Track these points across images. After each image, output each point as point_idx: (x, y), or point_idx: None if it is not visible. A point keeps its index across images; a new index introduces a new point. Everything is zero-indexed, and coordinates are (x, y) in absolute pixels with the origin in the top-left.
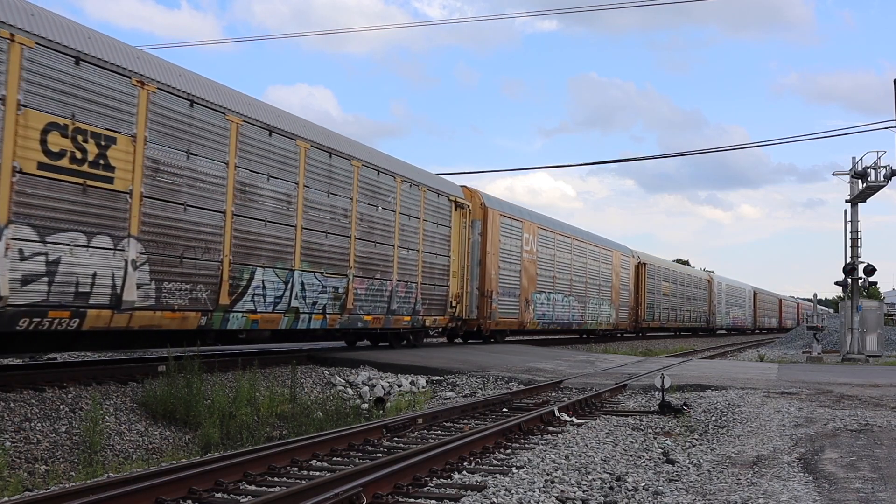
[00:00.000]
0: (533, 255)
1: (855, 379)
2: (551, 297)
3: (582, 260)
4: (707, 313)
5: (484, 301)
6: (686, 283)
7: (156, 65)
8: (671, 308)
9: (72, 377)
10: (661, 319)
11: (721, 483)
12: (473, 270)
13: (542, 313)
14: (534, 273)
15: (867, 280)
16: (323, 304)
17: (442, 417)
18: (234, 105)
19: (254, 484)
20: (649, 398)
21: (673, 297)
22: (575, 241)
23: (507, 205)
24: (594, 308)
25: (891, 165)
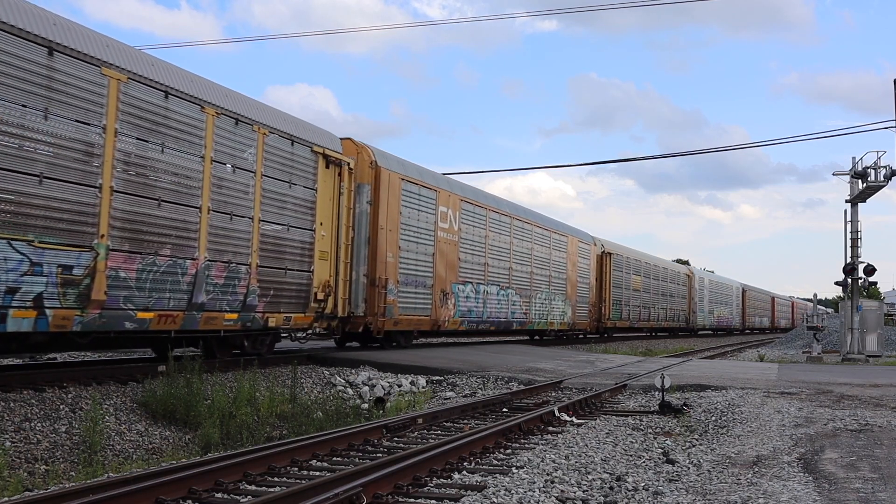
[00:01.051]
0: (454, 236)
1: (855, 379)
2: (482, 289)
3: (525, 245)
4: (686, 312)
5: (375, 293)
6: (661, 276)
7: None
8: (643, 305)
9: (72, 377)
10: (631, 318)
11: (721, 483)
12: (359, 251)
13: (468, 309)
14: (455, 258)
15: (867, 280)
16: (35, 292)
17: (442, 417)
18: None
19: (254, 484)
20: (649, 398)
21: (645, 292)
22: (516, 222)
23: (415, 168)
24: (543, 304)
25: (891, 165)
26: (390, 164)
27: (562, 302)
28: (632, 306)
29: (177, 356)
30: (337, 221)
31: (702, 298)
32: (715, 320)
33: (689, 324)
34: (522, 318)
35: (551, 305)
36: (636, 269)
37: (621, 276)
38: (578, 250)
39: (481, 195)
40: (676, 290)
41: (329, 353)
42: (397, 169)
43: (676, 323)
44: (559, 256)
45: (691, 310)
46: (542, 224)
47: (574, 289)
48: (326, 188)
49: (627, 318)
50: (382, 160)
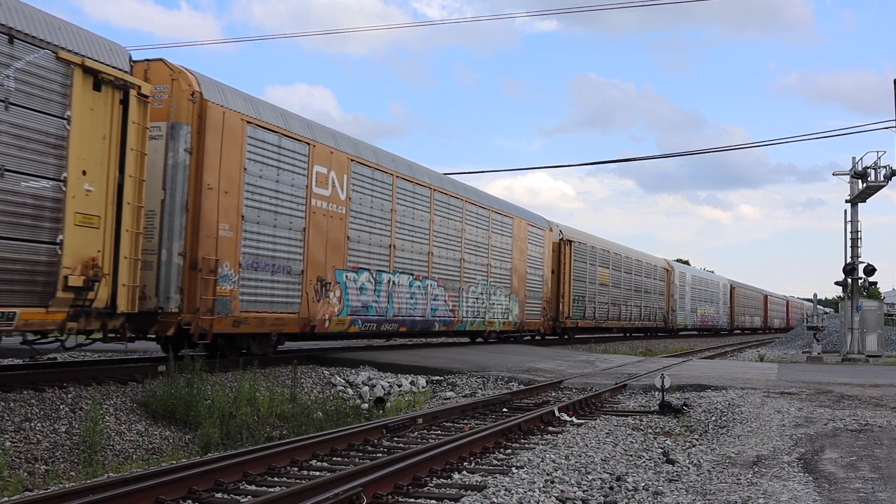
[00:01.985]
0: (340, 207)
1: (855, 379)
2: (385, 279)
3: (453, 225)
4: (664, 310)
5: (198, 279)
6: (635, 270)
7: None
8: (612, 302)
9: (72, 377)
10: (598, 317)
11: (721, 483)
12: (171, 220)
13: (364, 305)
14: (341, 237)
15: (867, 280)
16: None
17: (442, 417)
18: None
19: (254, 484)
20: (649, 398)
21: (615, 287)
22: (440, 195)
23: (276, 111)
24: (478, 299)
25: (891, 165)
26: (228, 99)
27: (505, 297)
28: (598, 303)
29: (178, 356)
30: (118, 172)
31: (683, 295)
32: (698, 320)
33: (667, 323)
34: (448, 317)
35: (490, 301)
36: (604, 261)
37: (584, 267)
38: (529, 235)
39: (386, 157)
40: (653, 285)
41: (329, 353)
42: (240, 107)
43: (653, 322)
44: (502, 242)
45: (670, 308)
46: (477, 201)
47: (522, 281)
48: (96, 121)
49: (593, 317)
50: (213, 93)
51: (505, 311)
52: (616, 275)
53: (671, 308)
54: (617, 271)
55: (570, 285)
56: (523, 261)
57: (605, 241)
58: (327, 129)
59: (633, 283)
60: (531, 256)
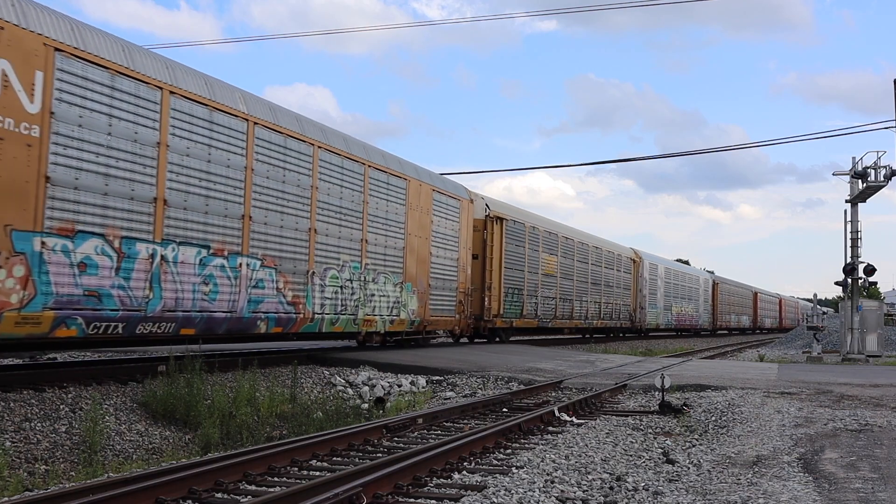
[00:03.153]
0: (28, 126)
1: (855, 379)
2: (143, 251)
3: (297, 179)
4: (631, 307)
5: None
6: (593, 259)
7: None
8: (562, 297)
9: (72, 377)
10: (541, 315)
11: (721, 483)
12: None
13: (90, 293)
14: (29, 177)
15: (867, 280)
16: None
17: (442, 417)
18: None
19: (254, 484)
20: (649, 398)
21: (566, 279)
22: (266, 133)
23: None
24: (345, 289)
25: (891, 165)
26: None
27: (394, 287)
28: (542, 298)
29: (177, 356)
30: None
31: (654, 291)
32: (674, 318)
33: (634, 322)
34: (284, 313)
35: (367, 292)
36: (549, 246)
37: (522, 253)
38: (436, 206)
39: (144, 58)
40: (616, 277)
41: (329, 353)
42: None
43: (616, 321)
44: (388, 210)
45: (638, 305)
46: (343, 149)
47: (424, 266)
48: None
49: (533, 315)
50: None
51: (393, 306)
52: (567, 264)
53: (639, 305)
54: (568, 259)
55: (501, 274)
56: (426, 239)
57: (553, 222)
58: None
59: (589, 274)
60: (439, 234)
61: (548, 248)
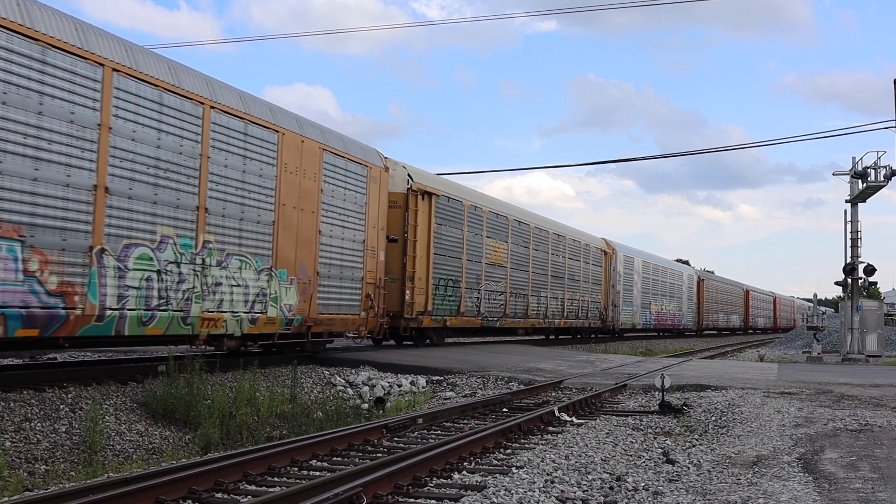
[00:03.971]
0: None
1: (855, 379)
2: None
3: (83, 116)
4: (602, 305)
5: None
6: (553, 248)
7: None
8: (514, 292)
9: (72, 377)
10: (486, 312)
11: (721, 483)
12: None
13: None
14: None
15: (867, 280)
16: None
17: (442, 417)
18: None
19: (254, 484)
20: (649, 398)
21: (518, 270)
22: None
23: None
24: (167, 275)
25: (891, 165)
26: None
27: (258, 275)
28: (487, 293)
29: (177, 356)
30: None
31: (629, 287)
32: (653, 317)
33: (606, 321)
34: (42, 307)
35: (209, 279)
36: (496, 230)
37: (460, 237)
38: (328, 172)
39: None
40: (584, 271)
41: (329, 353)
42: None
43: (584, 320)
44: (249, 172)
45: (610, 302)
46: (159, 79)
47: (309, 249)
48: None
49: (475, 312)
50: None
51: (256, 300)
52: (520, 253)
53: (611, 302)
54: (522, 247)
55: (430, 263)
56: (312, 213)
57: (501, 202)
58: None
59: (549, 265)
60: (335, 208)
61: (495, 232)
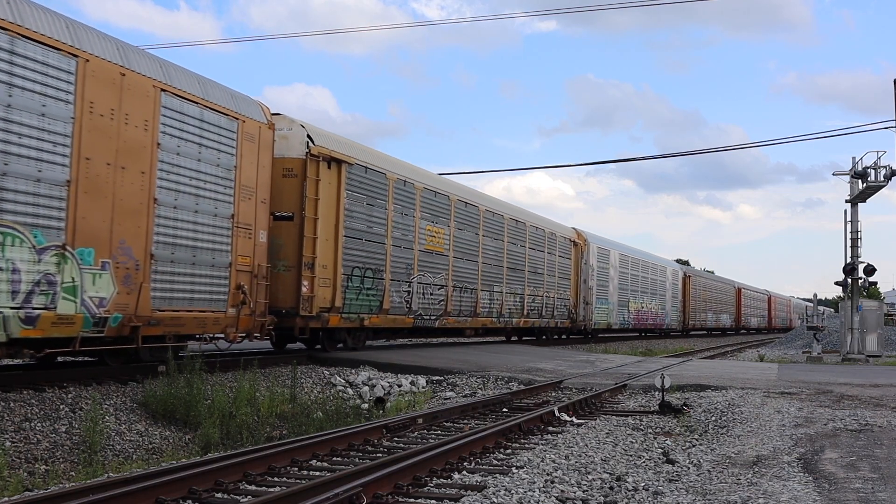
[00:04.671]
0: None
1: (855, 379)
2: None
3: None
4: (571, 303)
5: None
6: (510, 236)
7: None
8: (460, 286)
9: (72, 377)
10: (417, 309)
11: (721, 483)
12: None
13: None
14: None
15: (867, 280)
16: None
17: (442, 417)
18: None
19: (254, 484)
20: (649, 398)
21: (463, 259)
22: None
23: None
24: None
25: (891, 165)
26: None
27: (36, 255)
28: (420, 285)
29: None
30: None
31: (604, 282)
32: (632, 316)
33: (576, 321)
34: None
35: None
36: (435, 211)
37: (383, 217)
38: (169, 121)
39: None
40: (549, 263)
41: (329, 353)
42: None
43: (549, 319)
44: (16, 106)
45: (581, 299)
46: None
47: (138, 222)
48: None
49: (404, 309)
50: None
51: (31, 291)
52: (467, 239)
53: (583, 300)
54: (469, 233)
55: (338, 247)
56: (143, 174)
57: (442, 179)
58: None
59: (505, 255)
60: (185, 170)
61: (433, 214)
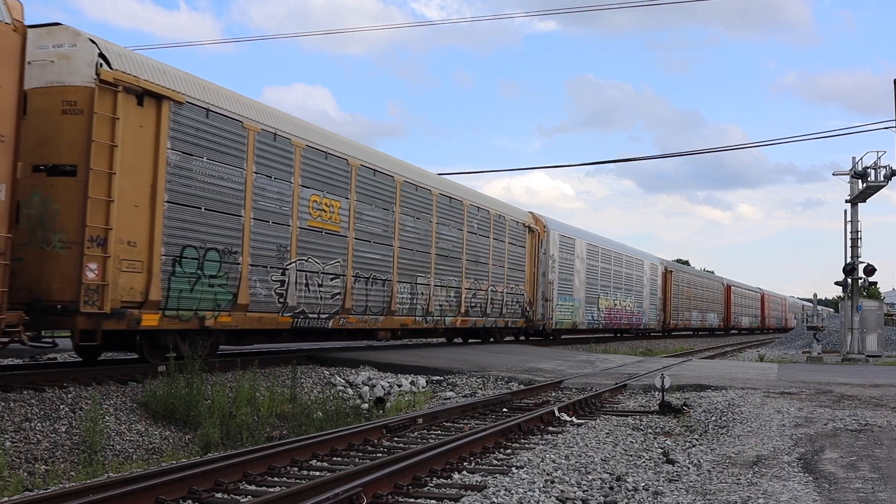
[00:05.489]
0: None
1: (855, 379)
2: None
3: None
4: (526, 299)
5: None
6: (435, 214)
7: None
8: (363, 275)
9: (72, 377)
10: (296, 304)
11: (721, 483)
12: None
13: None
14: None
15: (867, 280)
16: None
17: (442, 417)
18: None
19: (254, 484)
20: (649, 398)
21: (373, 242)
22: None
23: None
24: None
25: (891, 165)
26: None
27: None
28: (301, 274)
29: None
30: None
31: (568, 276)
32: (603, 315)
33: (532, 319)
34: None
35: None
36: (326, 179)
37: (239, 180)
38: None
39: None
40: (497, 251)
41: (329, 353)
42: None
43: (498, 318)
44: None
45: (538, 295)
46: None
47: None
48: None
49: (276, 305)
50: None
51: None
52: (375, 217)
53: (541, 295)
54: (378, 209)
55: (159, 216)
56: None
57: (338, 138)
58: None
59: (433, 240)
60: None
61: (321, 182)
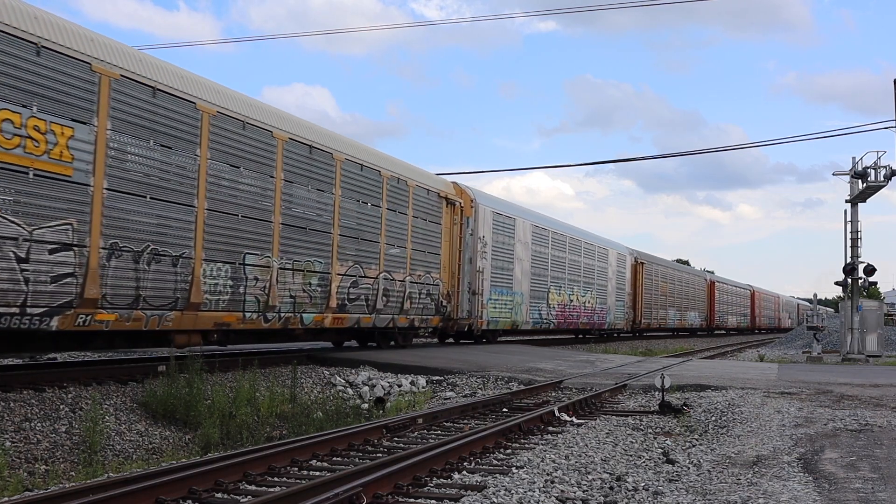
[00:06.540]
0: None
1: (855, 379)
2: None
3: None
4: (442, 291)
5: None
6: (316, 171)
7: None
8: (140, 248)
9: (72, 377)
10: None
11: (721, 483)
12: None
13: None
14: None
15: (867, 280)
16: None
17: (442, 417)
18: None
19: (254, 484)
20: (649, 398)
21: (150, 196)
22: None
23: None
24: None
25: (891, 165)
26: None
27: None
28: None
29: (178, 356)
30: None
31: (505, 264)
32: (554, 313)
33: (452, 316)
34: None
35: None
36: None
37: None
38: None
39: None
40: (396, 228)
41: (329, 353)
42: None
43: (398, 314)
44: None
45: (464, 287)
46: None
47: None
48: None
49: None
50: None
51: None
52: (149, 152)
53: (466, 287)
54: (161, 144)
55: None
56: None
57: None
58: None
59: (276, 203)
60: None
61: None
